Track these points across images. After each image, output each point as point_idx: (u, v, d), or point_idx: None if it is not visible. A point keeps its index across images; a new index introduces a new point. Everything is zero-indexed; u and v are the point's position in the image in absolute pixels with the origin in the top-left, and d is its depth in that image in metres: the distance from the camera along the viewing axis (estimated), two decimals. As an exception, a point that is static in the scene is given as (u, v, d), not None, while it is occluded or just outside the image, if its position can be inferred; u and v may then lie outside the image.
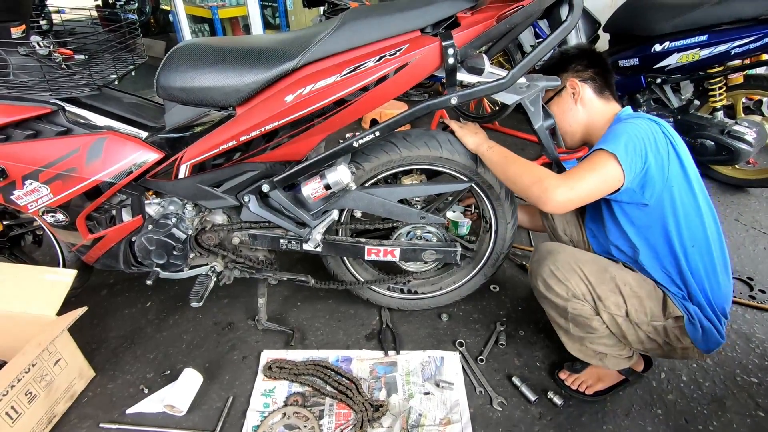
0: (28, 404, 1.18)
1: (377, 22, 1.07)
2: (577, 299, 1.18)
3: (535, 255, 1.29)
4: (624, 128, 1.11)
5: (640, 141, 1.07)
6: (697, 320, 1.13)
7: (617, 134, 1.10)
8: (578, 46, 1.35)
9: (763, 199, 2.41)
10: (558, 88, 1.29)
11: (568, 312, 1.20)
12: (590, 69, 1.27)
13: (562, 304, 1.20)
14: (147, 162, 1.21)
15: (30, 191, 1.22)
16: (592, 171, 1.08)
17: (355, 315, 1.66)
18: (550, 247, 1.26)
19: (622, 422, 1.30)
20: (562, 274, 1.19)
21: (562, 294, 1.19)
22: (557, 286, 1.20)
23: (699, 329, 1.13)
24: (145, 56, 1.40)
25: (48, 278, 1.33)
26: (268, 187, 1.27)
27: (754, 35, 1.91)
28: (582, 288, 1.18)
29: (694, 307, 1.14)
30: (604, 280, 1.16)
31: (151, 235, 1.32)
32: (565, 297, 1.19)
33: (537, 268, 1.25)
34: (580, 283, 1.18)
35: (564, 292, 1.19)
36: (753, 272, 1.87)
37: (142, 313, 1.67)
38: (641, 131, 1.09)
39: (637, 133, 1.08)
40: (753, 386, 1.40)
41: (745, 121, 2.15)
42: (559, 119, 1.30)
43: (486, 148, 1.27)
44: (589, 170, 1.08)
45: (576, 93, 1.27)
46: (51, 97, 1.19)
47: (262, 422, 1.26)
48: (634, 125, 1.11)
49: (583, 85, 1.26)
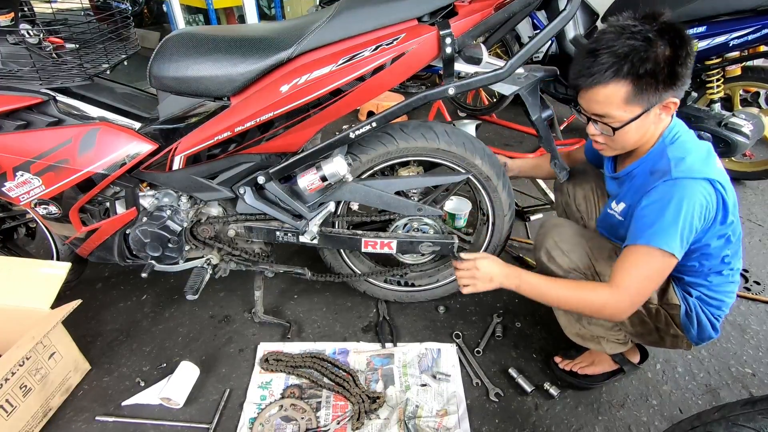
0: (23, 398, 1.17)
1: (373, 11, 1.06)
2: (577, 272, 1.19)
3: (541, 228, 1.30)
4: (677, 205, 0.96)
5: (693, 220, 0.96)
6: (694, 314, 1.13)
7: (671, 219, 0.96)
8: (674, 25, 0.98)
9: (759, 192, 2.42)
10: (646, 109, 1.00)
11: None
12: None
13: (562, 275, 1.21)
14: (140, 153, 1.19)
15: (21, 183, 1.21)
16: (650, 280, 1.02)
17: (352, 307, 1.66)
18: (557, 221, 1.28)
19: (618, 413, 1.31)
20: (566, 246, 1.20)
21: (563, 265, 1.20)
22: (559, 258, 1.20)
23: (694, 322, 1.13)
24: (138, 46, 1.38)
25: (42, 271, 1.32)
26: (263, 178, 1.26)
27: (753, 26, 1.90)
28: (584, 261, 1.18)
29: (695, 301, 1.13)
30: (606, 257, 1.17)
31: (145, 228, 1.30)
32: (566, 269, 1.20)
33: (542, 239, 1.26)
34: (583, 257, 1.18)
35: (565, 263, 1.20)
36: (748, 264, 1.88)
37: (137, 306, 1.66)
38: (695, 205, 0.96)
39: (692, 211, 0.96)
40: (747, 377, 1.42)
41: (742, 113, 2.15)
42: (623, 138, 1.06)
43: (515, 285, 1.14)
44: (647, 279, 1.01)
45: (670, 110, 1.02)
46: (41, 87, 1.17)
47: (259, 414, 1.26)
48: (689, 198, 0.96)
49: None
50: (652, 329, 1.19)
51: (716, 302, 1.13)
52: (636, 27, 0.96)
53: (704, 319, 1.13)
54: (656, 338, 1.21)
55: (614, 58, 0.96)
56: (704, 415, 0.77)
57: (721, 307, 1.14)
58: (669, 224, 0.96)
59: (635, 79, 0.96)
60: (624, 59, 0.95)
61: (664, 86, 0.96)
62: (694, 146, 1.04)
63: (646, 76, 0.95)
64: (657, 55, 0.94)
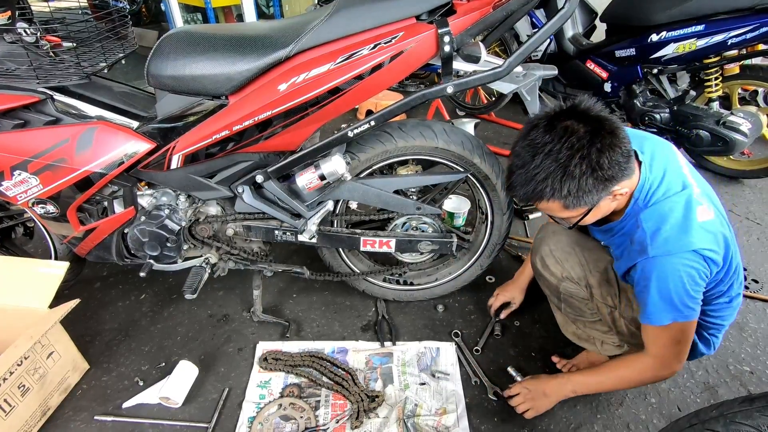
0: (21, 397, 1.17)
1: (372, 9, 1.05)
2: (570, 281, 1.19)
3: (539, 233, 1.31)
4: (663, 284, 0.94)
5: (687, 290, 0.94)
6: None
7: (665, 298, 0.95)
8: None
9: (757, 190, 2.42)
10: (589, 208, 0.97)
11: (560, 292, 1.22)
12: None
13: (555, 283, 1.22)
14: (138, 152, 1.19)
15: (19, 182, 1.20)
16: (679, 342, 1.02)
17: (351, 306, 1.66)
18: (555, 228, 1.27)
19: (616, 411, 1.31)
20: (560, 254, 1.21)
21: (556, 273, 1.21)
22: (553, 266, 1.22)
23: None
24: (136, 44, 1.37)
25: (40, 271, 1.32)
26: (262, 177, 1.25)
27: (751, 25, 1.90)
28: (578, 272, 1.19)
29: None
30: (602, 270, 1.17)
31: (143, 227, 1.30)
32: (559, 277, 1.21)
33: (538, 246, 1.28)
34: (576, 266, 1.19)
35: (558, 272, 1.21)
36: (747, 262, 1.88)
37: (136, 306, 1.65)
38: (682, 279, 0.93)
39: (681, 285, 0.93)
40: (745, 374, 1.42)
41: (740, 111, 2.15)
42: (584, 222, 1.05)
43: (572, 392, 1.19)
44: (676, 342, 1.01)
45: (616, 196, 0.97)
46: (39, 86, 1.16)
47: (258, 413, 1.26)
48: (673, 276, 0.93)
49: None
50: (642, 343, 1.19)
51: (713, 326, 1.11)
52: (549, 144, 0.89)
53: (696, 339, 1.11)
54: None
55: (534, 185, 0.92)
56: (702, 413, 0.77)
57: (719, 330, 1.12)
58: (665, 303, 0.95)
59: (562, 197, 0.91)
60: (543, 185, 0.91)
61: (597, 190, 0.91)
62: (670, 208, 0.95)
63: (569, 195, 0.91)
64: (574, 174, 0.88)
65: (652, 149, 1.03)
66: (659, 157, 1.01)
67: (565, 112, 0.92)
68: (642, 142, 1.04)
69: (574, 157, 0.88)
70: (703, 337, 1.11)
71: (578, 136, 0.88)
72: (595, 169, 0.88)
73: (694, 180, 1.00)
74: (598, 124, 0.89)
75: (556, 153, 0.89)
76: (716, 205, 0.99)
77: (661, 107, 2.30)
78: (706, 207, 0.95)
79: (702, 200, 0.95)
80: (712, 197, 1.00)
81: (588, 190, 0.90)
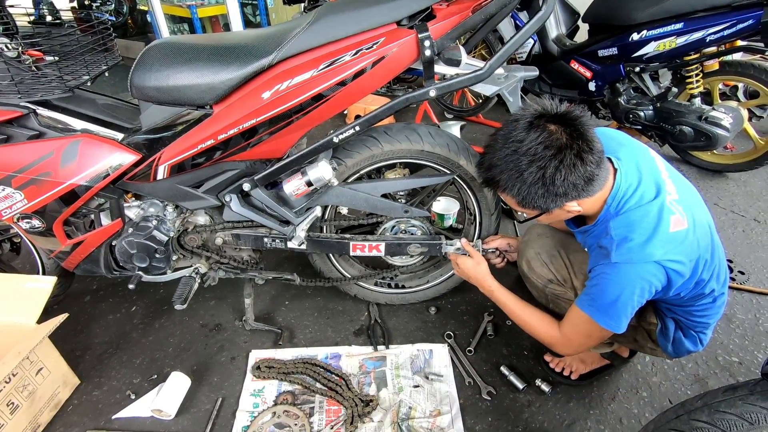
0: (11, 415, 1.15)
1: (353, 16, 1.06)
2: (556, 283, 1.20)
3: (525, 236, 1.32)
4: (614, 289, 0.95)
5: (632, 300, 0.95)
6: (670, 332, 1.12)
7: (610, 300, 0.96)
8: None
9: (741, 183, 2.46)
10: (539, 213, 1.01)
11: (546, 294, 1.23)
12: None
13: (541, 285, 1.24)
14: (124, 164, 1.19)
15: (3, 197, 1.19)
16: (591, 338, 1.07)
17: (344, 311, 1.66)
18: (541, 230, 1.29)
19: (609, 406, 1.32)
20: (546, 257, 1.22)
21: (543, 275, 1.22)
22: (538, 269, 1.23)
23: (670, 339, 1.13)
24: (119, 57, 1.37)
25: (27, 286, 1.31)
26: (249, 185, 1.25)
27: (728, 22, 1.94)
28: (562, 274, 1.20)
29: (671, 321, 1.12)
30: (584, 272, 1.17)
31: (131, 239, 1.29)
32: (545, 279, 1.22)
33: (524, 249, 1.29)
34: (561, 269, 1.20)
35: (545, 274, 1.22)
36: (732, 254, 1.91)
37: (126, 318, 1.64)
38: (634, 288, 0.94)
39: (630, 293, 0.94)
40: (734, 365, 1.44)
41: (721, 107, 2.19)
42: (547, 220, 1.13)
43: (490, 289, 1.26)
44: (588, 337, 1.07)
45: (569, 211, 1.00)
46: (21, 100, 1.16)
47: (252, 422, 1.26)
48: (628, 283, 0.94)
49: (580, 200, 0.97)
50: (631, 340, 1.21)
51: (698, 325, 1.10)
52: (517, 143, 0.92)
53: (681, 336, 1.12)
54: (636, 347, 1.24)
55: (493, 173, 0.97)
56: (688, 404, 0.78)
57: (705, 328, 1.11)
58: (609, 305, 0.97)
59: (513, 195, 0.96)
60: (499, 177, 0.96)
61: (545, 201, 0.94)
62: (640, 217, 0.94)
63: (519, 195, 0.95)
64: (526, 180, 0.92)
65: (629, 156, 1.02)
66: (635, 164, 1.01)
67: (555, 116, 0.92)
68: (618, 148, 1.04)
69: (532, 164, 0.91)
70: (690, 336, 1.12)
71: (545, 146, 0.89)
72: (546, 183, 0.91)
73: (675, 185, 0.99)
74: (571, 141, 0.89)
75: (519, 154, 0.92)
76: (692, 212, 0.96)
77: (644, 105, 2.34)
78: (679, 216, 0.93)
79: (676, 208, 0.94)
80: (690, 203, 0.98)
81: (536, 198, 0.94)
